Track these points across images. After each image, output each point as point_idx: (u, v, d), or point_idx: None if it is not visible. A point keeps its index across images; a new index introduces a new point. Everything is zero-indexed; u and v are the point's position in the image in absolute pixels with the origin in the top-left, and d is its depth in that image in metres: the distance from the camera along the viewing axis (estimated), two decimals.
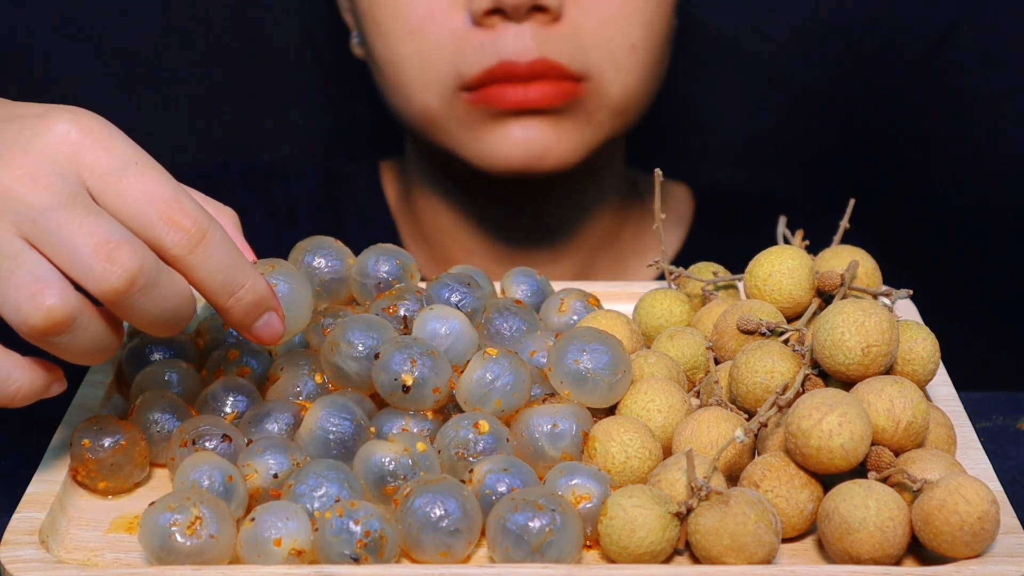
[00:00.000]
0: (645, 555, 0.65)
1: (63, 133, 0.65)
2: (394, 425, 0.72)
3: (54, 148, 0.65)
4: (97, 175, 0.65)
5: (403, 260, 0.81)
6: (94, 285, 0.63)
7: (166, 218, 0.65)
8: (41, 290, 0.63)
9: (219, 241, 0.67)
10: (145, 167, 0.66)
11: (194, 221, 0.66)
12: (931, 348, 0.73)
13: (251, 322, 0.69)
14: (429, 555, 0.66)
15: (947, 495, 0.65)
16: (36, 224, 0.64)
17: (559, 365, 0.73)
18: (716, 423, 0.70)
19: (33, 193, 0.64)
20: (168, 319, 0.66)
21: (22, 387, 0.66)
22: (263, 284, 0.69)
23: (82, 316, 0.64)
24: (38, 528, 0.66)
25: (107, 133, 0.66)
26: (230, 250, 0.67)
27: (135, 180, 0.65)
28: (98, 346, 0.65)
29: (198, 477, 0.68)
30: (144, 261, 0.64)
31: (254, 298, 0.69)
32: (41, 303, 0.63)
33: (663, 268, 0.84)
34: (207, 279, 0.67)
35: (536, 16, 1.01)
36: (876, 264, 0.81)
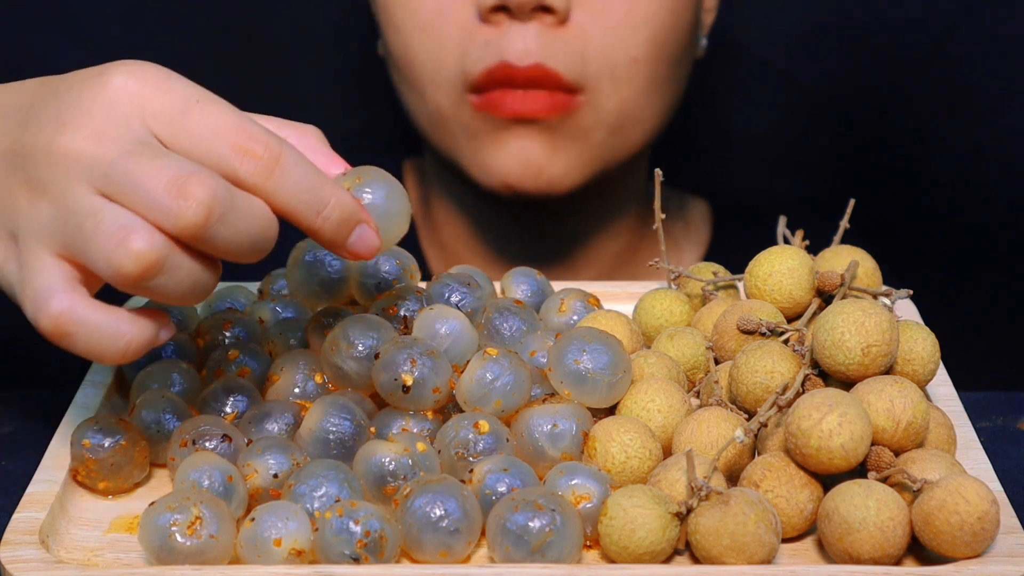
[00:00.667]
0: (645, 555, 0.65)
1: (121, 86, 0.66)
2: (394, 425, 0.72)
3: (115, 102, 0.65)
4: (163, 120, 0.66)
5: (403, 260, 0.81)
6: (172, 223, 0.63)
7: (237, 147, 0.65)
8: (127, 237, 0.63)
9: (295, 161, 0.66)
10: (207, 102, 0.66)
11: (265, 146, 0.66)
12: (931, 348, 0.73)
13: (343, 239, 0.69)
14: (429, 555, 0.66)
15: (947, 495, 0.65)
16: (108, 177, 0.64)
17: (559, 365, 0.73)
18: (716, 423, 0.70)
19: (102, 149, 0.64)
20: (253, 244, 0.66)
21: (132, 339, 0.66)
22: (348, 198, 0.68)
23: (172, 256, 0.64)
24: (38, 528, 0.66)
25: (165, 77, 0.66)
26: (308, 169, 0.67)
27: (199, 117, 0.66)
28: (196, 284, 0.66)
29: (198, 477, 0.68)
30: (216, 190, 0.64)
31: (341, 214, 0.68)
32: (130, 249, 0.63)
33: (663, 268, 0.84)
34: (290, 201, 0.66)
35: (542, 16, 1.01)
36: (876, 264, 0.81)
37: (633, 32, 1.03)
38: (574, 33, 1.02)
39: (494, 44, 1.02)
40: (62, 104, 0.67)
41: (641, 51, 1.04)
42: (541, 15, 1.01)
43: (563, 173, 1.04)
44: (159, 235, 0.64)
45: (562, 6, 1.01)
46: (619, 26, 1.03)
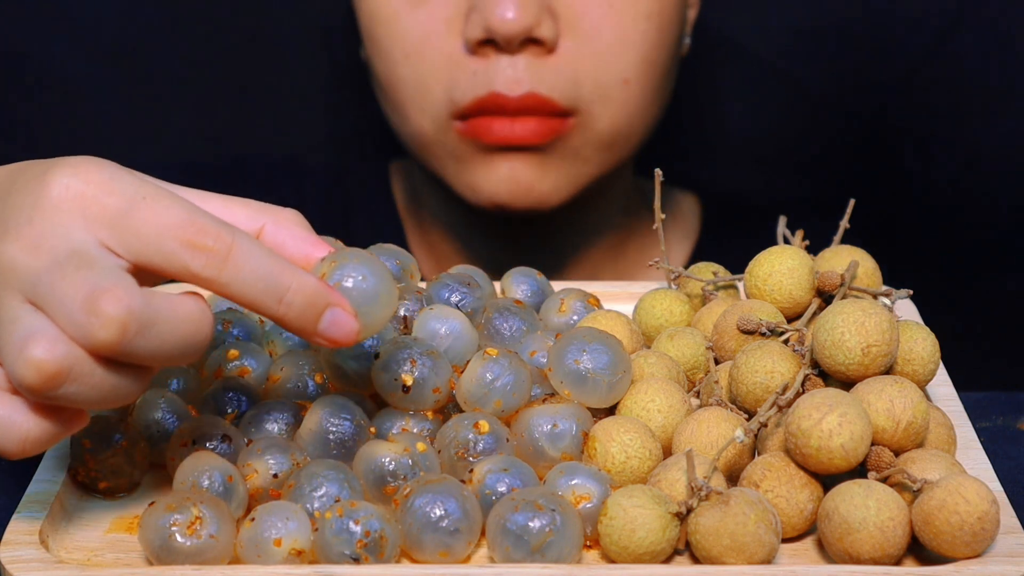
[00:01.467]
0: (645, 555, 0.65)
1: (63, 189, 0.64)
2: (394, 425, 0.72)
3: (56, 208, 0.63)
4: (106, 223, 0.63)
5: (403, 260, 0.81)
6: (86, 340, 0.61)
7: (186, 242, 0.63)
8: (27, 344, 0.61)
9: (248, 250, 0.64)
10: (154, 199, 0.64)
11: (216, 238, 0.63)
12: (931, 348, 0.73)
13: (312, 325, 0.65)
14: (429, 555, 0.65)
15: (947, 495, 0.65)
16: (36, 288, 0.62)
17: (559, 365, 0.73)
18: (716, 423, 0.70)
19: (33, 260, 0.62)
20: (182, 350, 0.63)
21: (31, 431, 0.63)
22: (312, 283, 0.65)
23: (79, 365, 0.61)
24: (38, 528, 0.66)
25: (108, 176, 0.64)
26: (263, 257, 0.64)
27: (146, 215, 0.63)
28: (115, 391, 0.63)
29: (198, 477, 0.67)
30: (131, 306, 0.61)
31: (304, 299, 0.65)
32: (29, 358, 0.61)
33: (663, 268, 0.84)
34: (247, 292, 0.64)
35: (530, 48, 1.01)
36: (876, 264, 0.81)
37: (623, 54, 1.03)
38: (564, 60, 1.02)
39: (482, 75, 1.01)
40: (6, 208, 0.65)
41: (632, 72, 1.03)
42: (530, 47, 1.01)
43: (552, 191, 1.04)
44: (64, 344, 0.61)
45: (550, 36, 1.01)
46: (608, 49, 1.02)
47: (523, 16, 0.99)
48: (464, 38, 1.02)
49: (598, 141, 1.04)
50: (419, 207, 1.18)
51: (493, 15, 0.99)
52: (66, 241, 0.63)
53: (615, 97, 1.03)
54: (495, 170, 1.03)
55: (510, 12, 0.99)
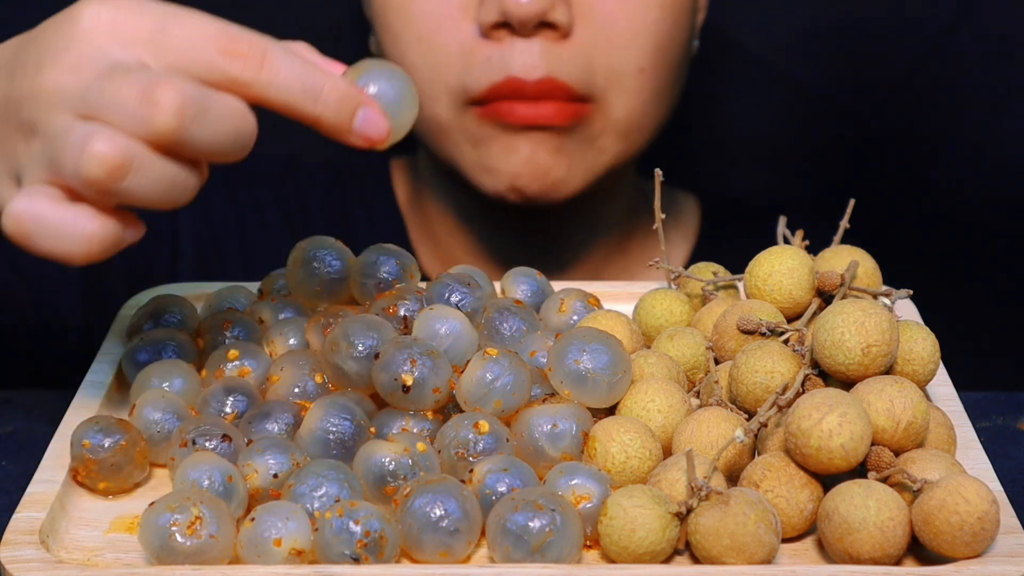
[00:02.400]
0: (645, 555, 0.65)
1: (93, 17, 0.67)
2: (394, 425, 0.72)
3: (89, 33, 0.66)
4: (142, 41, 0.66)
5: (403, 260, 0.81)
6: (147, 131, 0.64)
7: (222, 50, 0.66)
8: (87, 142, 0.64)
9: (283, 54, 0.67)
10: (184, 15, 0.67)
11: (250, 44, 0.67)
12: (931, 348, 0.73)
13: (347, 123, 0.69)
14: (429, 555, 0.66)
15: (947, 495, 0.65)
16: (86, 101, 0.65)
17: (559, 365, 0.73)
18: (716, 423, 0.70)
19: (78, 78, 0.65)
20: (233, 142, 0.67)
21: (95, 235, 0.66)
22: (343, 82, 0.69)
23: (141, 156, 0.65)
24: (38, 528, 0.66)
25: (136, 1, 0.67)
26: (297, 60, 0.68)
27: (179, 31, 0.66)
28: (173, 184, 0.66)
29: (198, 477, 0.67)
30: (185, 93, 0.64)
31: (339, 96, 0.68)
32: (93, 153, 0.64)
33: (663, 268, 0.84)
34: (284, 93, 0.67)
35: (544, 32, 1.01)
36: (876, 264, 0.81)
37: (637, 43, 1.03)
38: (579, 46, 1.02)
39: (497, 60, 1.01)
40: (40, 46, 0.67)
41: (647, 61, 1.04)
42: (544, 31, 1.01)
43: (568, 176, 1.04)
44: (123, 138, 0.64)
45: (565, 21, 1.01)
46: (623, 37, 1.02)
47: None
48: (478, 22, 1.02)
49: (615, 129, 1.04)
50: (422, 205, 1.18)
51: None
52: (107, 59, 0.66)
53: (631, 85, 1.03)
54: (516, 150, 1.03)
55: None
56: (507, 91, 1.01)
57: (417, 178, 1.18)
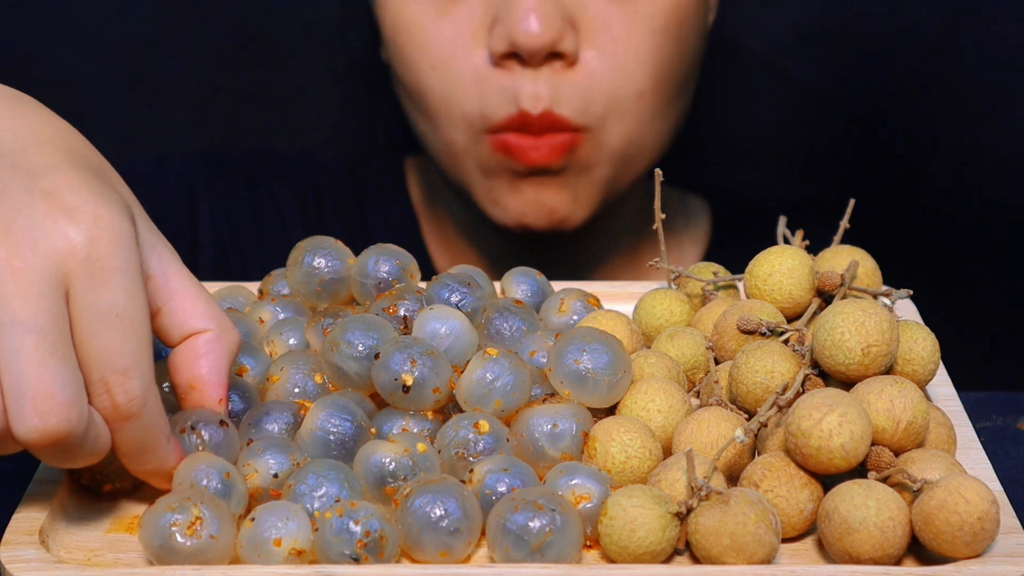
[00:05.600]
0: (645, 555, 0.65)
1: (75, 247, 0.63)
2: (394, 425, 0.72)
3: (59, 257, 0.63)
4: (79, 304, 0.63)
5: (403, 260, 0.81)
6: (16, 427, 0.63)
7: (106, 384, 0.64)
8: None
9: (145, 424, 0.66)
10: (121, 323, 0.64)
11: (129, 400, 0.64)
12: (931, 348, 0.73)
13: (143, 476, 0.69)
14: (429, 555, 0.65)
15: (947, 495, 0.65)
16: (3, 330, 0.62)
17: (559, 365, 0.73)
18: (716, 423, 0.70)
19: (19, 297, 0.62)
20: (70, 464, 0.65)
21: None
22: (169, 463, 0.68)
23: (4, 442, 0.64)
24: (38, 528, 0.66)
25: (117, 265, 0.64)
26: (151, 434, 0.66)
27: (102, 334, 0.64)
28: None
29: (196, 477, 0.67)
30: (73, 430, 0.63)
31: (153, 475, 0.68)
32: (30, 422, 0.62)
33: (663, 268, 0.84)
34: (119, 448, 0.66)
35: (552, 63, 1.01)
36: (876, 264, 0.81)
37: (640, 67, 1.03)
38: (583, 74, 1.02)
39: (509, 90, 1.01)
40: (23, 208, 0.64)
41: (647, 84, 1.03)
42: (552, 61, 1.01)
43: (573, 211, 1.05)
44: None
45: (573, 50, 1.01)
46: (626, 62, 1.02)
47: (547, 30, 0.99)
48: (488, 50, 1.01)
49: (610, 156, 1.04)
50: (435, 204, 1.18)
51: (518, 28, 0.99)
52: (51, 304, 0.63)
53: (629, 110, 1.03)
54: (521, 191, 1.04)
55: (535, 26, 0.99)
56: (517, 123, 1.02)
57: (431, 178, 1.19)
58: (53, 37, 1.25)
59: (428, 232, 1.18)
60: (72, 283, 0.64)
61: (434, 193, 1.18)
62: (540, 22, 0.99)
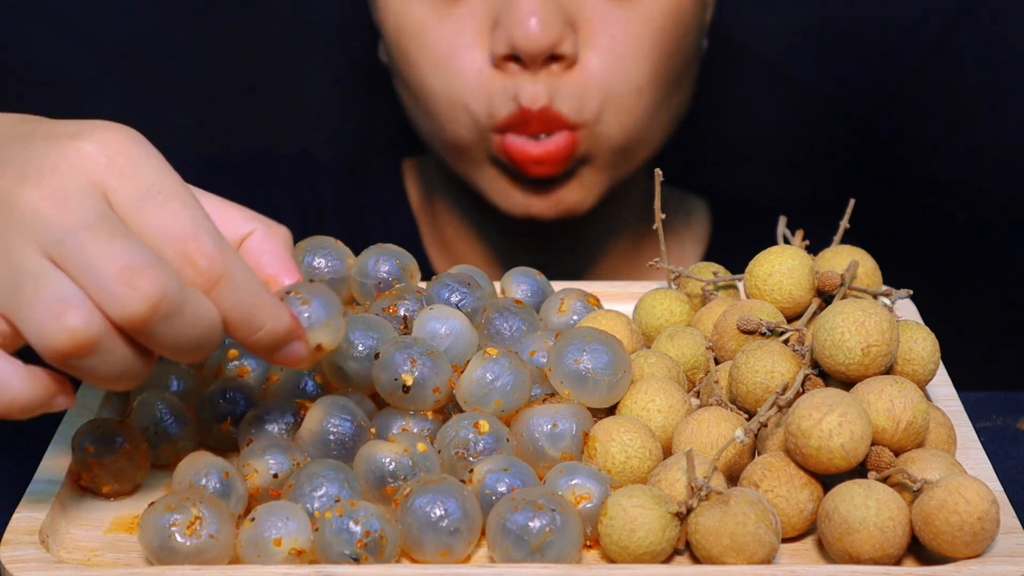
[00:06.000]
0: (645, 555, 0.65)
1: (92, 154, 0.64)
2: (394, 425, 0.72)
3: (82, 168, 0.63)
4: (120, 200, 0.63)
5: (403, 260, 0.81)
6: (115, 311, 0.61)
7: (182, 255, 0.63)
8: (64, 311, 0.61)
9: (238, 281, 0.64)
10: (168, 198, 0.64)
11: (210, 261, 0.64)
12: (931, 348, 0.73)
13: (271, 355, 0.67)
14: (429, 555, 0.66)
15: (947, 495, 0.65)
16: (62, 244, 0.62)
17: (559, 365, 0.73)
18: (716, 423, 0.70)
19: (61, 213, 0.62)
20: (192, 348, 0.64)
21: (20, 395, 0.63)
22: (283, 323, 0.66)
23: (107, 339, 0.62)
24: (38, 528, 0.66)
25: (137, 155, 0.64)
26: (249, 290, 0.65)
27: (154, 212, 0.63)
28: (125, 371, 0.63)
29: (196, 477, 0.68)
30: (168, 288, 0.61)
31: (272, 338, 0.66)
32: (64, 324, 0.61)
33: (663, 268, 0.84)
34: (227, 315, 0.65)
35: (552, 65, 1.01)
36: (876, 264, 0.81)
37: (638, 65, 1.03)
38: (581, 72, 1.02)
39: (511, 89, 1.02)
40: (30, 154, 0.64)
41: (645, 80, 1.04)
42: (551, 63, 1.01)
43: (580, 200, 1.05)
44: (98, 315, 0.61)
45: (572, 52, 1.01)
46: (624, 60, 1.03)
47: (547, 33, 0.99)
48: (489, 52, 1.02)
49: (611, 148, 1.05)
50: (434, 205, 1.18)
51: (518, 31, 0.99)
52: (92, 202, 0.63)
53: (627, 105, 1.04)
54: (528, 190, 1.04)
55: (535, 29, 0.99)
56: (518, 120, 1.02)
57: (429, 179, 1.19)
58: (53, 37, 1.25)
59: (426, 233, 1.18)
60: (105, 185, 0.63)
61: (433, 194, 1.18)
62: (540, 25, 0.99)
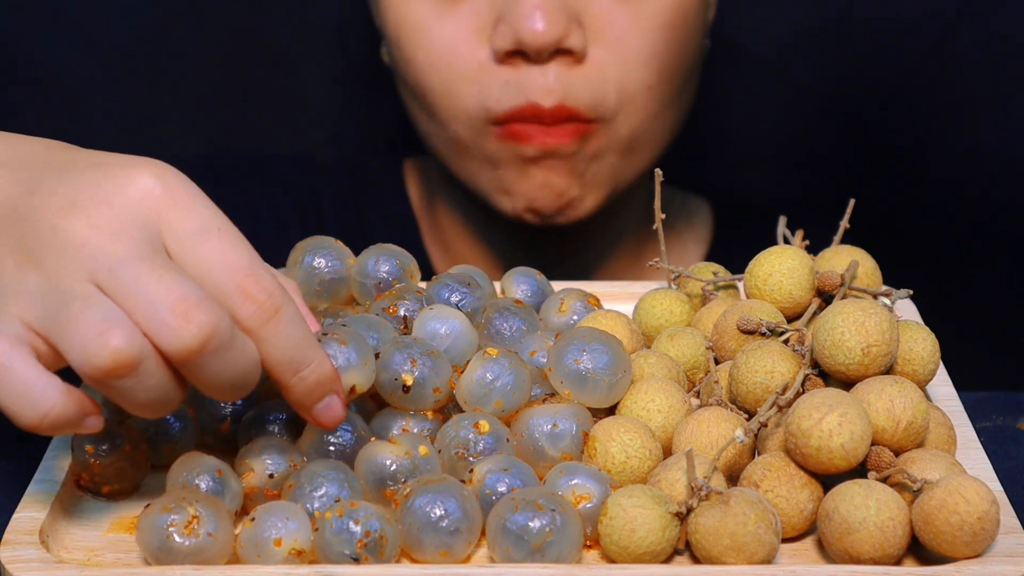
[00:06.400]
0: (645, 555, 0.65)
1: (148, 189, 0.64)
2: (394, 425, 0.72)
3: (138, 202, 0.64)
4: (178, 236, 0.64)
5: (403, 260, 0.81)
6: (168, 341, 0.62)
7: (242, 289, 0.64)
8: (108, 329, 0.61)
9: (291, 317, 0.65)
10: (226, 234, 0.65)
11: (269, 295, 0.64)
12: (931, 348, 0.73)
13: (312, 403, 0.67)
14: (429, 555, 0.66)
15: (947, 495, 0.65)
16: (113, 273, 0.62)
17: (559, 365, 0.73)
18: (716, 423, 0.70)
19: (114, 244, 0.63)
20: (234, 385, 0.64)
21: (54, 408, 0.63)
22: (329, 365, 0.67)
23: (147, 362, 0.62)
24: (38, 528, 0.66)
25: (191, 194, 0.65)
26: (300, 327, 0.66)
27: (215, 246, 0.64)
28: (161, 398, 0.63)
29: (189, 477, 0.68)
30: (220, 323, 0.62)
31: (318, 378, 0.67)
32: (107, 342, 0.61)
33: (663, 268, 0.84)
34: (274, 354, 0.65)
35: (560, 58, 1.01)
36: (876, 264, 0.81)
37: (648, 61, 1.03)
38: (592, 69, 1.02)
39: (515, 84, 1.01)
40: (80, 183, 0.65)
41: (655, 79, 1.04)
42: (559, 57, 1.01)
43: (582, 195, 1.05)
44: (140, 337, 0.62)
45: (580, 46, 1.01)
46: (634, 56, 1.02)
47: (553, 27, 0.99)
48: (492, 48, 1.01)
49: (619, 146, 1.04)
50: (435, 206, 1.18)
51: (523, 26, 0.99)
52: (145, 237, 0.63)
53: (639, 102, 1.04)
54: (531, 176, 1.04)
55: (540, 24, 0.99)
56: (526, 115, 1.01)
57: (429, 180, 1.19)
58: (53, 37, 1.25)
59: (427, 234, 1.18)
60: (160, 219, 0.64)
61: (433, 194, 1.18)
62: (545, 19, 0.99)
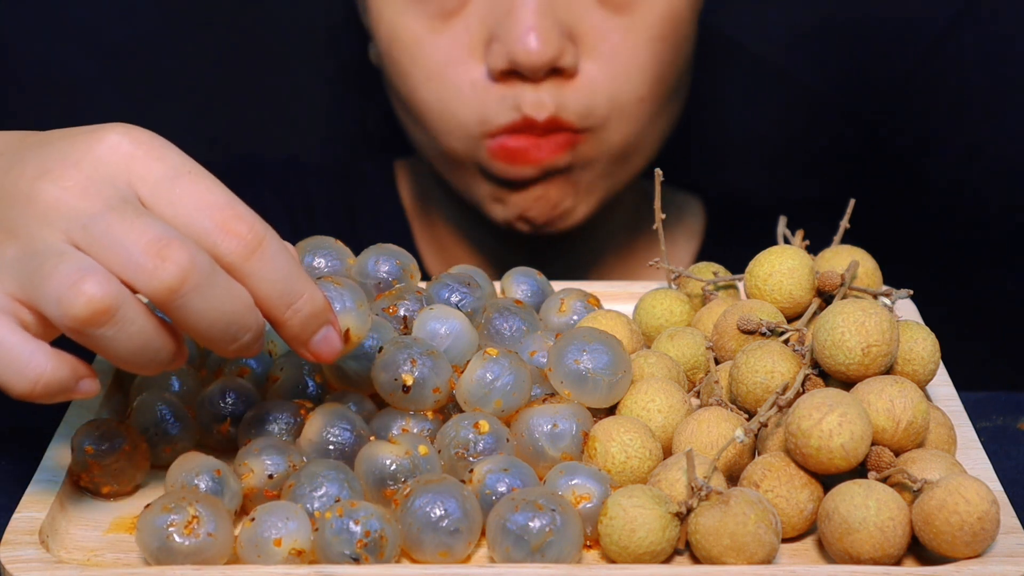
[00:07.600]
0: (645, 555, 0.65)
1: (114, 145, 0.65)
2: (394, 425, 0.72)
3: (105, 160, 0.64)
4: (149, 184, 0.64)
5: (403, 260, 0.81)
6: (144, 282, 0.61)
7: (221, 224, 0.63)
8: (82, 278, 0.61)
9: (276, 249, 0.65)
10: (198, 175, 0.64)
11: (250, 227, 0.64)
12: (931, 348, 0.73)
13: (309, 336, 0.67)
14: (429, 555, 0.66)
15: (947, 495, 0.65)
16: (86, 229, 0.62)
17: (559, 365, 0.73)
18: (716, 423, 0.70)
19: (83, 201, 0.63)
20: (226, 327, 0.63)
21: (45, 373, 0.62)
22: (320, 295, 0.66)
23: (126, 308, 0.61)
24: (38, 528, 0.66)
25: (159, 144, 0.65)
26: (287, 258, 0.65)
27: (188, 188, 0.64)
28: (146, 347, 0.63)
29: (187, 477, 0.68)
30: (196, 258, 0.62)
31: (312, 309, 0.66)
32: (81, 291, 0.60)
33: (663, 268, 0.84)
34: (264, 287, 0.64)
35: (553, 78, 1.01)
36: (876, 264, 0.81)
37: (639, 75, 1.03)
38: (584, 82, 1.02)
39: (511, 99, 1.01)
40: (50, 152, 0.65)
41: (646, 90, 1.04)
42: (553, 76, 1.01)
43: (575, 205, 1.05)
44: (116, 284, 0.61)
45: (572, 64, 1.01)
46: (626, 70, 1.02)
47: (547, 48, 0.99)
48: (487, 66, 1.01)
49: (611, 155, 1.05)
50: (427, 206, 1.18)
51: (517, 48, 0.98)
52: (114, 189, 0.64)
53: (630, 113, 1.04)
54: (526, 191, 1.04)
55: (534, 44, 0.98)
56: (519, 127, 1.01)
57: (421, 180, 1.19)
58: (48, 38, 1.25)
59: (419, 234, 1.18)
60: (131, 171, 0.64)
61: (425, 195, 1.18)
62: (540, 40, 0.98)
